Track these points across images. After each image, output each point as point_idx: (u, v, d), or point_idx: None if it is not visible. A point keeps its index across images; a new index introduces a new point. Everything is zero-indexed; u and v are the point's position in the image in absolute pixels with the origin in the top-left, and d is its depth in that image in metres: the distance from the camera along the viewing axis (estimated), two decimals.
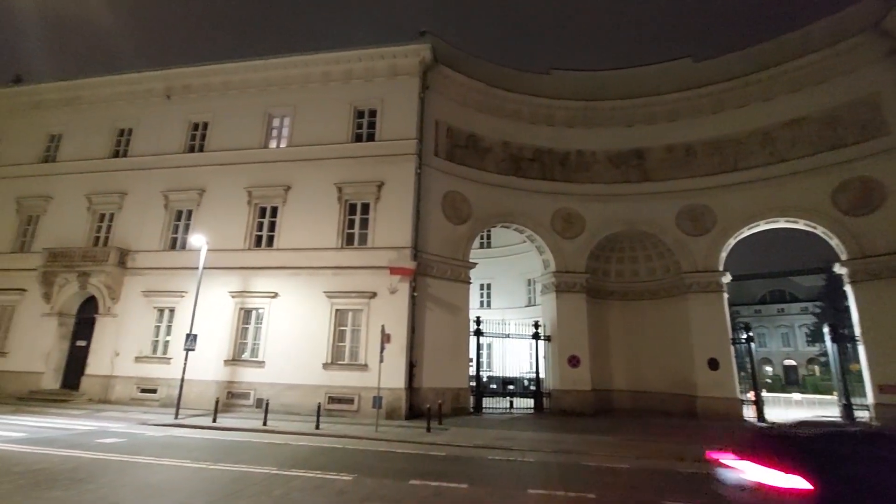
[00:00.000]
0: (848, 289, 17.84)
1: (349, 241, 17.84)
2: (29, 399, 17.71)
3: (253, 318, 17.75)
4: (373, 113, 19.17)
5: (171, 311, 18.40)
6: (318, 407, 13.79)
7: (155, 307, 18.66)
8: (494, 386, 23.58)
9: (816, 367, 52.10)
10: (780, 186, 19.18)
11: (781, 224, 19.86)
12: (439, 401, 15.29)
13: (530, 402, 20.53)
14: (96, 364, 18.45)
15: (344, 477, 7.95)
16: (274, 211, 18.67)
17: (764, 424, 17.73)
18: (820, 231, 18.73)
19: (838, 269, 18.25)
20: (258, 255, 18.23)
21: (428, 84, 19.49)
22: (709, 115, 21.04)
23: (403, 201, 17.67)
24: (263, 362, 16.92)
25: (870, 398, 16.59)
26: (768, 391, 41.55)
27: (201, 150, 20.41)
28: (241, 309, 17.78)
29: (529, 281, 27.97)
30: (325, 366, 16.42)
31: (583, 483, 8.23)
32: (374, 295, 16.74)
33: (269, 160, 19.31)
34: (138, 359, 18.13)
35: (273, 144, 19.86)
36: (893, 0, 16.90)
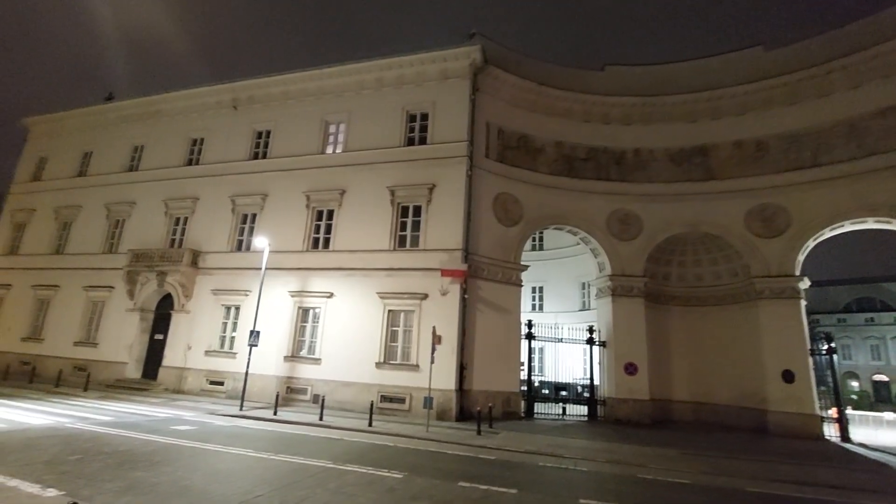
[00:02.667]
0: None
1: (401, 243, 18.18)
2: (115, 386, 19.50)
3: (310, 317, 18.52)
4: (424, 116, 19.45)
5: (237, 308, 19.60)
6: (371, 405, 14.14)
7: (223, 304, 19.95)
8: (546, 391, 23.10)
9: None
10: (868, 183, 17.32)
11: (870, 225, 17.98)
12: (490, 404, 15.22)
13: (584, 410, 19.93)
14: (172, 356, 20.00)
15: (395, 475, 8.09)
16: (330, 214, 19.40)
17: (850, 446, 16.17)
18: None
19: None
20: (315, 256, 19.01)
21: (478, 86, 19.49)
22: (783, 106, 19.43)
23: (454, 203, 17.78)
24: (320, 359, 17.62)
25: None
26: (854, 408, 37.94)
27: (264, 156, 21.61)
28: (300, 308, 18.61)
29: (583, 284, 27.19)
30: (378, 365, 16.82)
31: (639, 497, 7.89)
32: (425, 296, 16.95)
33: (326, 165, 20.09)
34: (208, 353, 19.46)
35: (329, 150, 20.65)
36: None
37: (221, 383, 18.84)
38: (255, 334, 16.00)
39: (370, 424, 13.32)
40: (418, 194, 18.30)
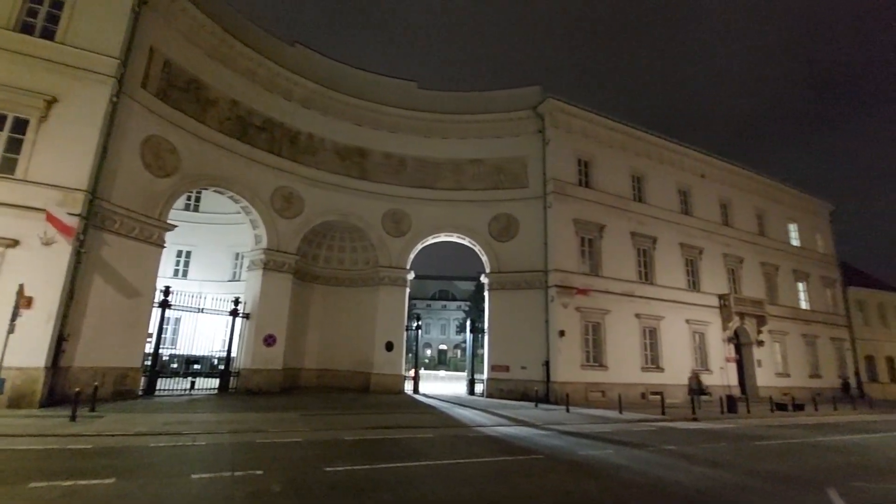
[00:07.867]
0: (486, 294, 23.97)
1: None
2: None
3: None
4: (58, 4, 14.41)
5: None
6: None
7: None
8: (176, 365, 21.24)
9: (459, 351, 69.18)
10: (458, 208, 24.21)
11: (455, 238, 25.01)
12: (96, 383, 12.92)
13: (216, 383, 19.48)
14: None
15: None
16: None
17: (418, 396, 22.30)
18: (477, 248, 24.49)
19: (483, 278, 24.28)
20: None
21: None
22: (421, 136, 24.71)
23: (86, 131, 14.00)
24: None
25: (486, 375, 22.91)
26: (425, 369, 51.85)
27: None
28: None
29: (237, 255, 26.41)
30: None
31: (253, 461, 8.44)
32: (15, 243, 12.64)
33: None
34: None
35: None
36: (548, 93, 23.59)
37: None
38: None
39: None
40: (27, 104, 13.42)
